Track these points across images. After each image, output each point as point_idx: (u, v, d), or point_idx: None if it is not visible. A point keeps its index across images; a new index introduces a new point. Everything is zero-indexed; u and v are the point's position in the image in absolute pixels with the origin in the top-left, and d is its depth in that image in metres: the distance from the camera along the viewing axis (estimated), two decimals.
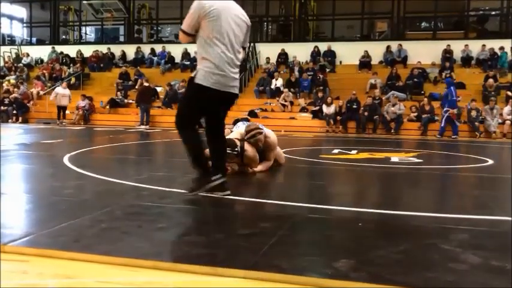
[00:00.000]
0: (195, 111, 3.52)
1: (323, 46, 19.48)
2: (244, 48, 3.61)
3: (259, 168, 4.82)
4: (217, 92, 3.37)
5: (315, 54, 19.31)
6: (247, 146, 4.60)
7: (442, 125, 13.87)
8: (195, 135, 3.50)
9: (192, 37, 3.49)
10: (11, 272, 1.95)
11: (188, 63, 19.92)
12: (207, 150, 3.65)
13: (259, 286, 1.87)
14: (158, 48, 21.27)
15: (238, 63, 3.51)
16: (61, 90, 16.56)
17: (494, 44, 17.52)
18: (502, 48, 17.35)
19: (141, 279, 1.92)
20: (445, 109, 13.86)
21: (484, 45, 17.70)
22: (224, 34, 3.35)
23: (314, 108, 15.69)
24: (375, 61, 18.76)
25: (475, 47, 17.93)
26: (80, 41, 24.72)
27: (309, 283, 1.88)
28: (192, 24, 3.42)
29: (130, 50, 21.68)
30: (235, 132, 4.91)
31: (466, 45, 17.87)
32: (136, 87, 18.07)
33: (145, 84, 16.91)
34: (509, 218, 3.07)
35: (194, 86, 3.41)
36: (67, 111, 16.86)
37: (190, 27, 3.44)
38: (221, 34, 3.34)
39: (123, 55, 21.70)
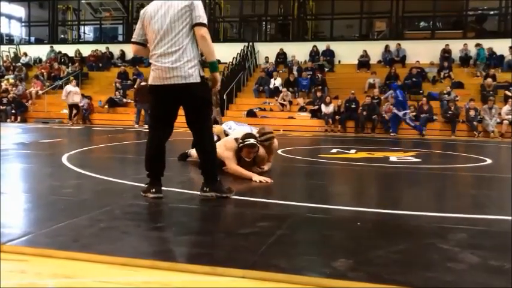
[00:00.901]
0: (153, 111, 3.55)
1: (322, 46, 19.48)
2: (198, 24, 3.30)
3: (266, 167, 4.89)
4: (158, 87, 3.35)
5: (314, 53, 19.31)
6: (260, 147, 4.65)
7: (412, 124, 14.12)
8: (152, 136, 3.49)
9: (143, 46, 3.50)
10: (9, 271, 1.95)
11: None
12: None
13: (258, 285, 1.88)
14: None
15: (175, 48, 3.29)
16: (72, 88, 16.37)
17: (493, 44, 17.54)
18: (478, 45, 17.69)
19: (140, 279, 1.92)
20: (402, 112, 14.04)
21: (479, 44, 17.73)
22: (152, 32, 3.35)
23: (313, 108, 15.69)
24: (373, 60, 18.76)
25: (474, 46, 17.93)
26: (78, 40, 24.68)
27: (307, 282, 1.88)
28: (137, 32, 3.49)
29: (129, 50, 21.45)
30: (238, 132, 4.89)
31: (465, 45, 17.87)
32: (135, 86, 18.05)
33: (142, 83, 16.83)
34: (508, 218, 3.08)
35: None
36: (65, 111, 16.84)
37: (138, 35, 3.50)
38: (151, 34, 3.36)
39: (122, 54, 21.67)
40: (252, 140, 4.39)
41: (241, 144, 4.44)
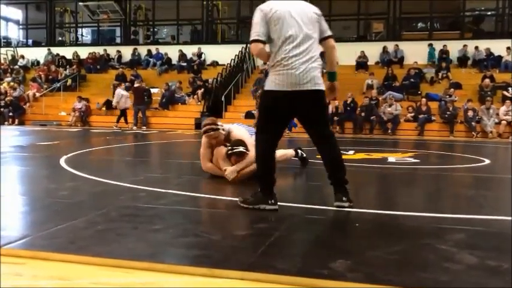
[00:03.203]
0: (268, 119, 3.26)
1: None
2: (328, 37, 3.32)
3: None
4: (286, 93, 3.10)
5: None
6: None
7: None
8: (268, 146, 3.24)
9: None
10: (5, 274, 1.94)
11: (185, 64, 19.92)
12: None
13: (256, 287, 1.87)
14: (155, 49, 21.25)
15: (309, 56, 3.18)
16: (123, 92, 16.12)
17: (490, 45, 17.58)
18: (429, 44, 18.16)
19: (137, 281, 1.91)
20: None
21: (476, 47, 17.82)
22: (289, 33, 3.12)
23: None
24: (371, 62, 18.77)
25: (472, 47, 17.97)
26: (76, 43, 24.66)
27: (305, 283, 1.87)
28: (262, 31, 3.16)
29: (127, 52, 21.64)
30: (242, 132, 4.79)
31: (465, 46, 17.90)
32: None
33: (136, 84, 16.76)
34: (506, 218, 3.07)
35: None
36: (63, 113, 16.80)
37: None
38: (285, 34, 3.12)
39: (120, 57, 21.66)
40: (241, 148, 4.34)
41: (230, 152, 4.39)
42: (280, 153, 5.35)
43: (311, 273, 1.97)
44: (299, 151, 5.54)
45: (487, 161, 7.03)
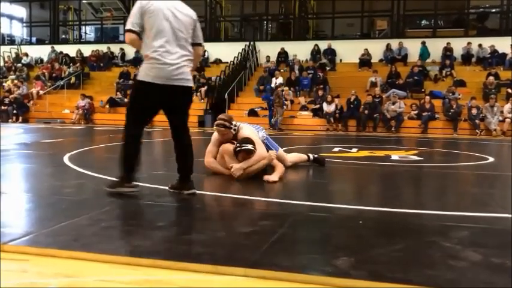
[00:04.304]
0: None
1: (323, 44, 19.46)
2: (199, 45, 3.58)
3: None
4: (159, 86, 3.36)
5: (315, 52, 19.29)
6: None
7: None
8: (135, 135, 3.48)
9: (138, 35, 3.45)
10: (10, 271, 1.95)
11: None
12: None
13: (260, 284, 1.87)
14: None
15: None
16: None
17: (495, 42, 17.50)
18: (423, 42, 18.09)
19: (141, 278, 1.92)
20: None
21: (480, 44, 17.73)
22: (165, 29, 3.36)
23: (314, 107, 15.68)
24: (375, 59, 18.73)
25: (476, 44, 17.90)
26: (79, 41, 24.71)
27: (309, 281, 1.87)
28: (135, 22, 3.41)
29: (130, 49, 21.62)
30: (250, 131, 4.76)
31: (469, 43, 17.83)
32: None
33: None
34: (510, 215, 3.06)
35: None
36: (67, 111, 16.82)
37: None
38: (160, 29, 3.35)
39: (123, 54, 21.67)
40: (249, 146, 4.34)
41: (238, 148, 4.39)
42: (295, 156, 5.36)
43: (315, 270, 1.97)
44: (310, 156, 5.54)
45: (491, 159, 7.01)
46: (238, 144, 4.36)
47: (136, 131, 3.49)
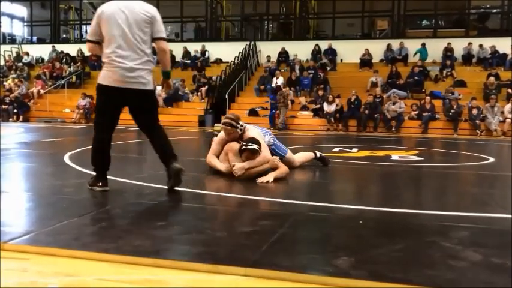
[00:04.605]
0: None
1: (324, 44, 19.45)
2: (159, 39, 3.58)
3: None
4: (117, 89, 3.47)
5: (316, 52, 19.28)
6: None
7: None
8: (101, 139, 3.71)
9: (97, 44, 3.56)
10: (11, 270, 1.95)
11: (189, 61, 19.91)
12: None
13: (260, 284, 1.87)
14: None
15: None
16: None
17: (496, 42, 17.49)
18: (423, 44, 18.08)
19: (141, 277, 1.92)
20: None
21: (481, 45, 17.73)
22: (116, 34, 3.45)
23: (315, 107, 15.67)
24: (375, 59, 18.71)
25: (476, 45, 17.89)
26: (80, 40, 24.66)
27: (310, 280, 1.88)
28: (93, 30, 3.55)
29: None
30: (256, 133, 4.76)
31: (470, 43, 17.81)
32: None
33: None
34: (510, 216, 3.07)
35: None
36: (67, 110, 16.81)
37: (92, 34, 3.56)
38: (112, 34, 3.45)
39: None
40: (255, 146, 4.34)
41: (244, 147, 4.38)
42: (302, 156, 5.38)
43: (315, 270, 1.98)
44: (317, 153, 5.55)
45: (491, 159, 7.01)
46: (244, 143, 4.37)
47: (102, 135, 3.68)
